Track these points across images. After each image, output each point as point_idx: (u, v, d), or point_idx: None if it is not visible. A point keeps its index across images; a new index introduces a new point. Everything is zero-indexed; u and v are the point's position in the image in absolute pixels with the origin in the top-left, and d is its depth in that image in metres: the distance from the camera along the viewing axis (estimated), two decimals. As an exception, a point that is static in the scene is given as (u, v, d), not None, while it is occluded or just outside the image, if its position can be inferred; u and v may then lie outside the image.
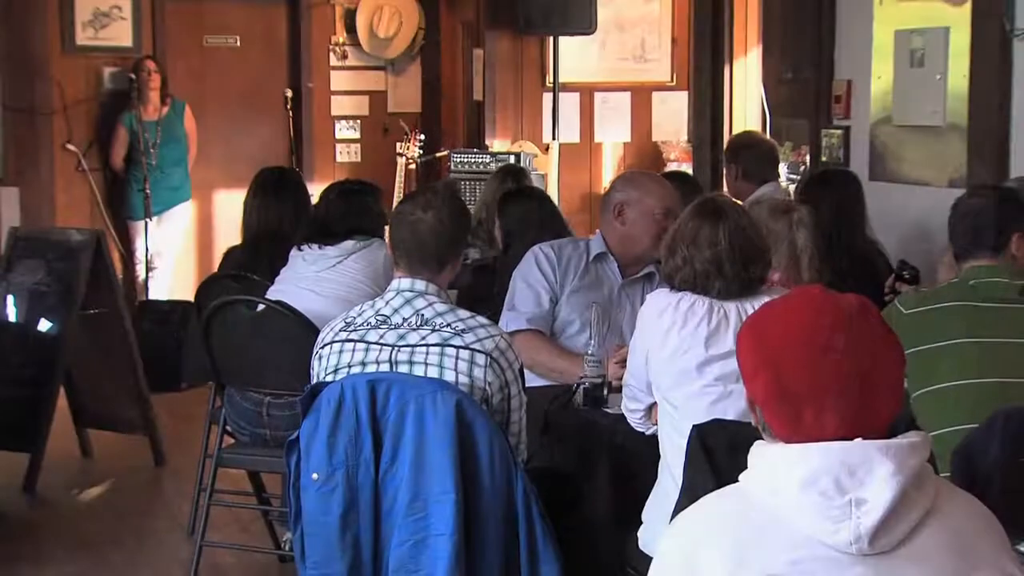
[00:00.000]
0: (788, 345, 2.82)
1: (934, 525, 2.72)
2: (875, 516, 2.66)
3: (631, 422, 5.07)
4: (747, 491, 2.78)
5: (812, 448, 2.72)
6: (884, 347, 2.81)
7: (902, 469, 2.69)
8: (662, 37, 13.03)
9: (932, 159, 8.13)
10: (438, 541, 4.59)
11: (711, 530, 2.78)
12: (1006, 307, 5.29)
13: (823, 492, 2.67)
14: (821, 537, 2.67)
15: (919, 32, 8.28)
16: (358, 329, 4.83)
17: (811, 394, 2.76)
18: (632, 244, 6.25)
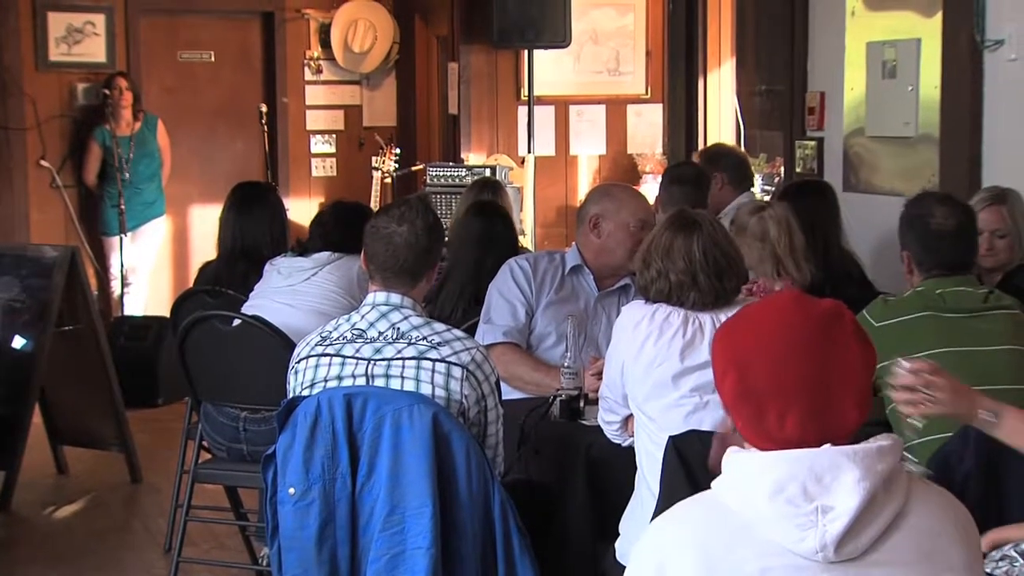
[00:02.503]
0: (756, 346, 2.83)
1: (904, 529, 2.72)
2: (841, 523, 2.66)
3: (607, 434, 5.08)
4: (718, 498, 2.79)
5: (780, 455, 2.72)
6: (853, 352, 2.81)
7: (869, 474, 2.69)
8: (636, 50, 13.04)
9: (905, 170, 8.17)
10: (415, 554, 4.59)
11: (682, 537, 2.78)
12: (974, 316, 5.34)
13: (790, 499, 2.68)
14: (788, 545, 2.68)
15: (891, 44, 8.32)
16: (334, 343, 4.83)
17: (774, 394, 2.77)
18: (608, 256, 6.25)
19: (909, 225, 5.63)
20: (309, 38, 13.64)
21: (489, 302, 6.24)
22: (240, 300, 6.90)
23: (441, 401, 4.70)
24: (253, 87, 13.61)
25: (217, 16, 13.49)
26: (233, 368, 6.57)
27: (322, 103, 13.77)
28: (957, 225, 5.56)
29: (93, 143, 12.24)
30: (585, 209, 6.42)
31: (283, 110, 13.57)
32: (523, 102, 12.45)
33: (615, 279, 6.28)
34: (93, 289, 10.14)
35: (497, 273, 6.32)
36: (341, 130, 13.80)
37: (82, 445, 8.89)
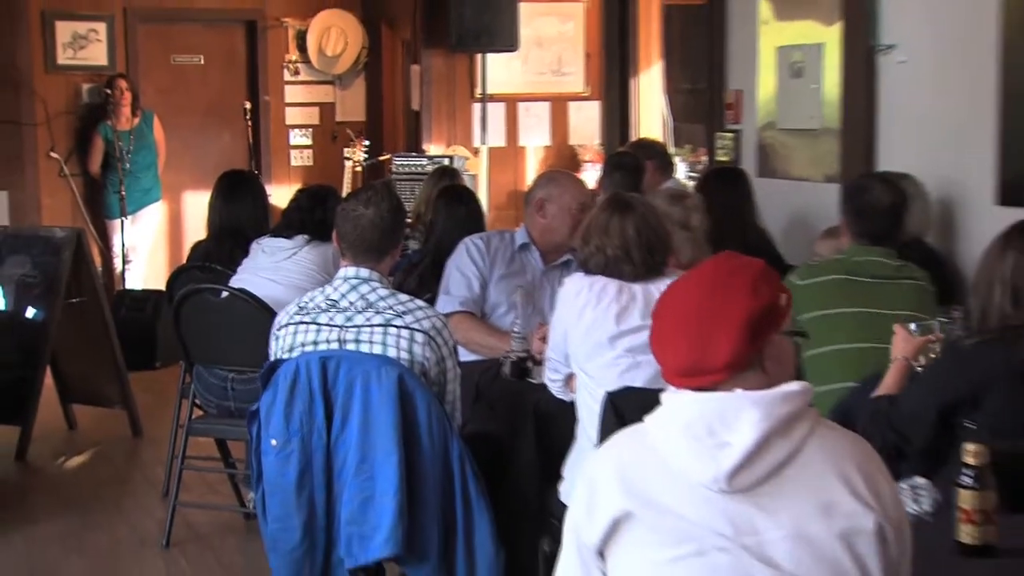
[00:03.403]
0: (665, 296, 2.88)
1: (796, 468, 2.69)
2: (735, 458, 2.64)
3: (552, 390, 5.07)
4: (646, 429, 2.78)
5: (695, 396, 2.72)
6: (739, 301, 2.75)
7: (769, 417, 2.67)
8: (577, 53, 13.03)
9: (811, 158, 8.18)
10: (384, 498, 4.60)
11: (609, 459, 2.80)
12: (885, 283, 5.36)
13: (696, 435, 2.67)
14: (691, 474, 2.67)
15: (798, 48, 8.33)
16: (310, 312, 4.81)
17: (667, 332, 2.81)
18: (552, 235, 6.27)
19: (850, 195, 5.71)
20: (288, 43, 13.56)
21: (448, 276, 6.23)
22: (228, 275, 6.87)
23: (405, 363, 4.69)
24: (238, 87, 13.53)
25: (206, 24, 13.41)
26: (222, 335, 6.55)
27: (299, 101, 13.70)
28: (890, 203, 5.63)
29: (96, 137, 12.19)
30: (532, 193, 6.42)
31: (265, 107, 13.51)
32: (477, 99, 12.45)
33: (558, 255, 6.28)
34: (97, 266, 10.24)
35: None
36: (317, 125, 13.72)
37: (89, 403, 8.86)
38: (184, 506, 6.85)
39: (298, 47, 13.56)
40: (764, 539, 2.65)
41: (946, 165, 7.10)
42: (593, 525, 2.74)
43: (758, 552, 2.65)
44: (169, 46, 13.28)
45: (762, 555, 2.65)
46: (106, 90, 12.15)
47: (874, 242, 5.53)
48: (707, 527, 2.66)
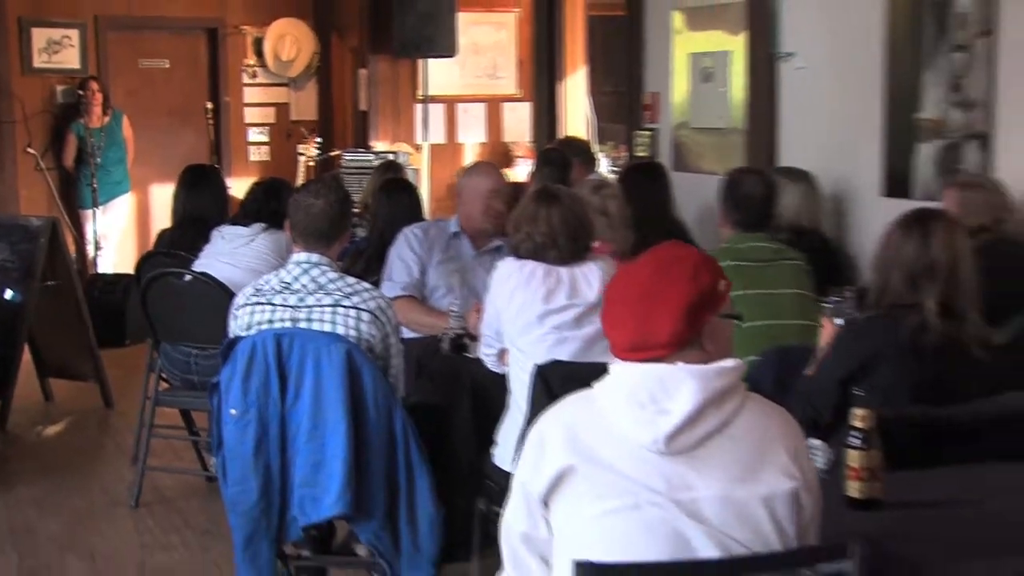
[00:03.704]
0: (615, 278, 2.95)
1: (726, 436, 2.74)
2: (672, 423, 2.69)
3: (487, 364, 5.08)
4: (594, 395, 2.83)
5: (641, 368, 2.77)
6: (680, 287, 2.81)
7: (705, 388, 2.71)
8: (510, 59, 13.10)
9: (719, 154, 8.22)
10: (333, 462, 4.59)
11: (559, 418, 2.83)
12: (767, 265, 5.41)
13: (640, 402, 2.72)
14: (633, 436, 2.71)
15: (708, 55, 8.38)
16: (266, 294, 4.79)
17: (615, 312, 2.86)
18: (470, 219, 6.29)
19: (727, 188, 5.72)
20: (246, 49, 13.50)
21: (390, 264, 6.22)
22: (191, 260, 6.83)
23: (353, 340, 4.68)
24: (200, 89, 13.44)
25: (171, 31, 13.31)
26: (185, 315, 6.53)
27: (257, 101, 13.63)
28: (762, 193, 5.66)
29: (70, 134, 12.09)
30: (456, 184, 6.46)
31: (225, 107, 13.44)
32: (419, 101, 12.50)
33: (487, 241, 6.29)
34: (71, 252, 10.12)
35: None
36: (273, 123, 13.66)
37: (64, 377, 8.79)
38: (152, 470, 6.80)
39: (255, 53, 13.51)
40: (694, 497, 2.70)
41: (839, 161, 7.17)
42: (540, 476, 2.77)
43: (688, 508, 2.69)
44: (137, 51, 13.18)
45: (691, 511, 2.69)
46: (79, 91, 12.06)
47: (752, 229, 5.57)
48: (643, 484, 2.70)
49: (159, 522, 6.50)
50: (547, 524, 2.82)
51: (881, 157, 6.87)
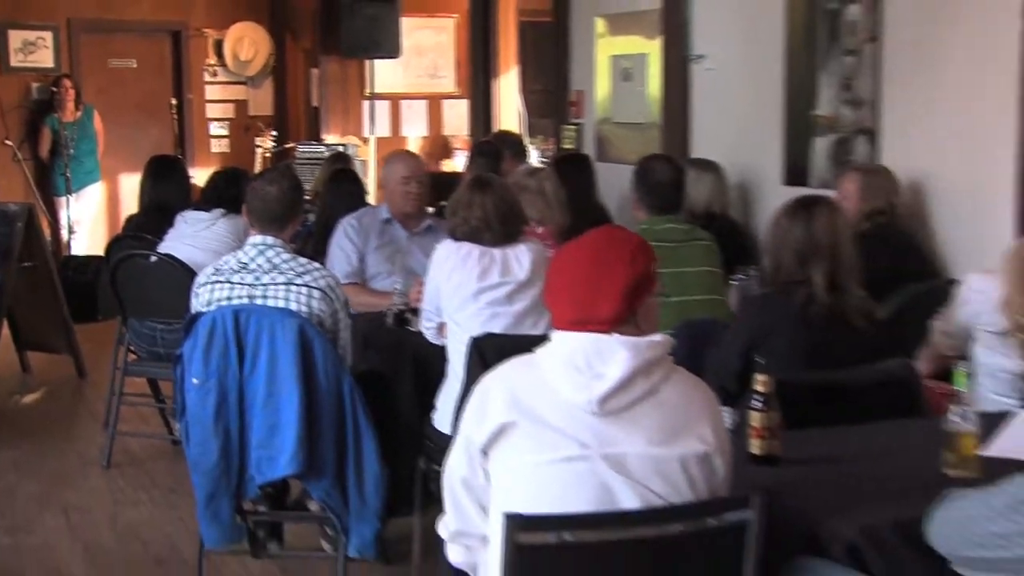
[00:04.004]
0: (559, 257, 2.96)
1: (651, 402, 2.78)
2: (606, 386, 2.73)
3: (427, 336, 5.07)
4: (535, 359, 2.86)
5: (579, 336, 2.79)
6: (618, 270, 2.84)
7: (636, 357, 2.75)
8: (449, 60, 13.11)
9: (638, 146, 8.23)
10: (287, 426, 4.58)
11: (504, 376, 2.86)
12: (680, 245, 5.43)
13: (577, 367, 2.75)
14: (570, 397, 2.75)
15: (627, 57, 8.42)
16: (225, 273, 4.76)
17: (560, 289, 2.88)
18: (393, 204, 6.29)
19: (639, 176, 5.71)
20: (207, 50, 13.43)
21: (331, 255, 6.19)
22: (156, 242, 6.80)
23: (305, 315, 4.65)
24: (166, 86, 13.35)
25: (138, 34, 13.21)
26: (151, 293, 6.48)
27: (217, 98, 13.57)
28: (672, 178, 5.66)
29: (45, 127, 12.02)
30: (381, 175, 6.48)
31: (188, 103, 13.36)
32: (367, 97, 12.48)
33: (417, 223, 6.28)
34: (47, 235, 10.05)
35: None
36: (232, 118, 13.59)
37: (40, 350, 8.70)
38: (121, 435, 6.78)
39: (216, 53, 13.45)
40: (620, 452, 2.74)
41: (745, 153, 7.22)
42: (481, 429, 2.80)
43: (613, 463, 2.73)
44: (107, 52, 13.09)
45: (616, 465, 2.73)
46: (52, 88, 12.01)
47: (665, 212, 5.55)
48: (576, 439, 2.74)
49: (129, 481, 6.46)
50: (485, 472, 2.85)
51: (782, 149, 6.93)
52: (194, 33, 13.36)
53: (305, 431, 4.58)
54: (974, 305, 4.28)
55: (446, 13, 13.00)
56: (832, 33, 6.56)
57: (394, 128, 12.96)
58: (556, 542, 2.71)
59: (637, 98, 8.32)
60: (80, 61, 12.77)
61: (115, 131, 12.48)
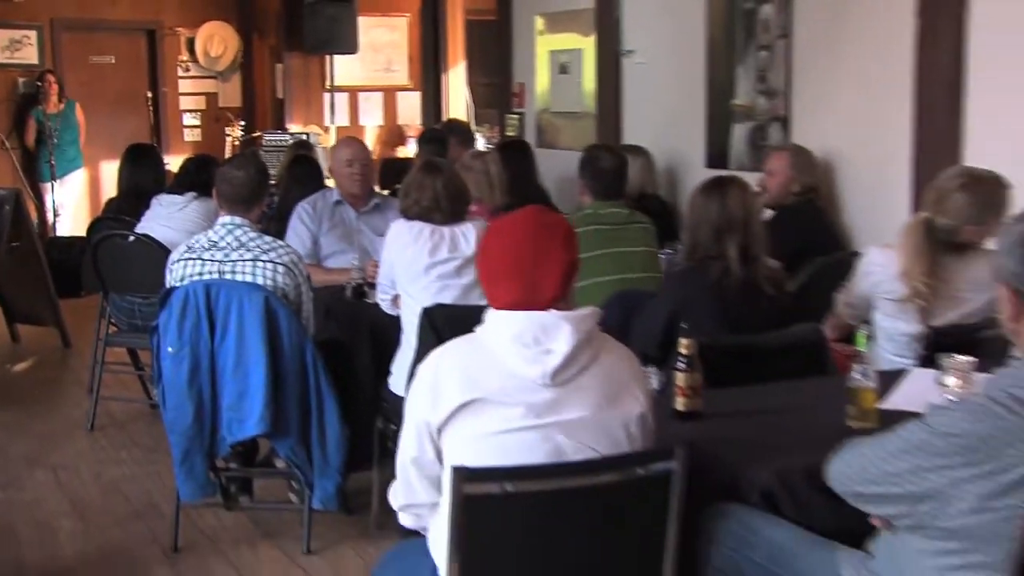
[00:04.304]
0: (495, 236, 2.88)
1: (594, 369, 2.79)
2: (557, 360, 2.72)
3: (383, 307, 5.05)
4: (479, 338, 2.82)
5: (523, 314, 2.77)
6: (555, 253, 2.82)
7: (578, 331, 2.75)
8: (402, 56, 13.05)
9: (574, 134, 8.27)
10: (255, 390, 4.58)
11: (452, 361, 2.81)
12: (621, 228, 5.43)
13: (525, 343, 2.73)
14: (522, 372, 2.73)
15: (564, 52, 8.41)
16: (196, 251, 4.74)
17: (502, 272, 2.82)
18: (341, 186, 6.26)
19: (585, 164, 5.69)
20: (180, 47, 13.32)
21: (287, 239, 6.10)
22: (134, 224, 6.73)
23: (270, 288, 4.64)
24: (142, 81, 13.25)
25: (117, 32, 13.09)
26: (130, 270, 6.42)
27: (190, 91, 13.46)
28: (615, 167, 5.65)
29: (30, 119, 11.89)
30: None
31: (163, 96, 13.26)
32: (328, 90, 12.44)
33: (365, 203, 6.24)
34: (33, 218, 9.92)
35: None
36: (204, 109, 13.49)
37: (29, 323, 8.63)
38: (104, 399, 6.73)
39: (188, 50, 13.35)
40: (570, 419, 2.75)
41: (671, 139, 7.23)
42: (437, 411, 2.76)
43: (564, 428, 2.74)
44: (87, 49, 12.96)
45: (567, 430, 2.75)
46: (37, 83, 11.90)
47: (608, 197, 5.54)
48: (531, 410, 2.73)
49: (111, 442, 6.42)
50: (437, 450, 2.81)
51: (704, 135, 6.95)
52: (168, 32, 13.25)
53: (271, 394, 4.58)
54: (874, 276, 4.31)
55: (399, 12, 12.94)
56: (748, 31, 6.57)
57: (352, 118, 12.91)
58: (500, 492, 2.70)
59: (573, 90, 8.31)
60: (63, 58, 12.64)
61: (95, 122, 12.36)
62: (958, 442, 2.43)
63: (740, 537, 2.98)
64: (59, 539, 5.08)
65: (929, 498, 2.48)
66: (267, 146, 11.11)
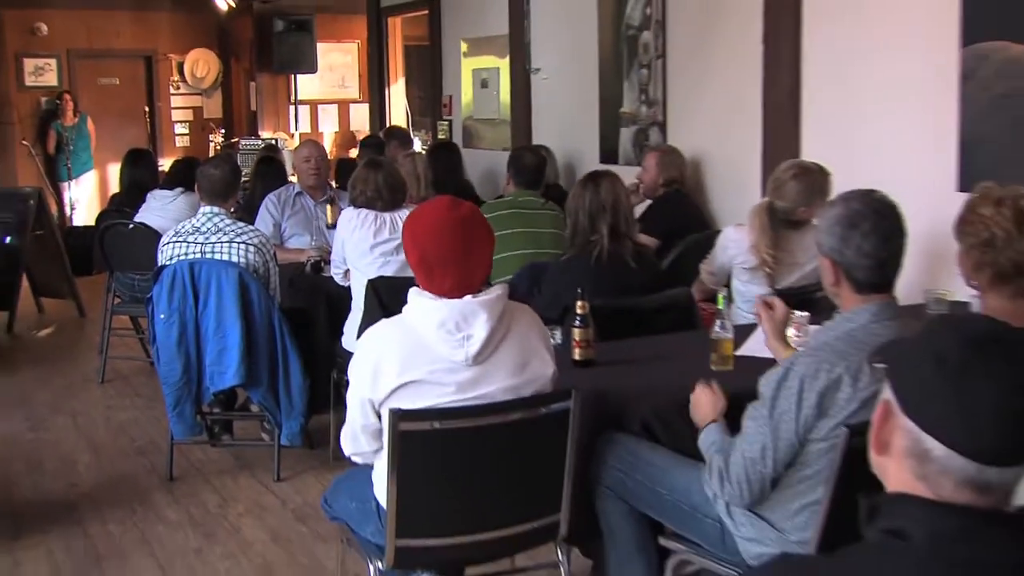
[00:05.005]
0: (428, 232, 2.68)
1: (507, 343, 2.70)
2: (477, 345, 2.64)
3: (336, 279, 4.99)
4: (408, 321, 2.70)
5: (444, 302, 2.65)
6: (482, 238, 2.71)
7: (492, 315, 2.66)
8: (354, 74, 12.97)
9: (493, 137, 8.22)
10: (232, 349, 4.52)
11: (390, 347, 2.67)
12: (536, 212, 5.39)
13: (449, 330, 2.63)
14: (447, 356, 2.64)
15: (485, 70, 8.34)
16: (182, 235, 4.65)
17: (438, 262, 2.66)
18: (300, 180, 6.17)
19: (512, 160, 5.69)
20: (172, 70, 13.11)
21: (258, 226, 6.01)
22: (133, 214, 6.58)
23: (243, 265, 4.56)
24: (141, 98, 13.04)
25: (120, 59, 12.85)
26: (130, 252, 6.29)
27: (180, 106, 13.23)
28: (535, 164, 5.63)
29: (51, 130, 11.77)
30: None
31: (158, 110, 13.05)
32: (292, 103, 12.40)
33: (320, 193, 6.12)
34: (53, 211, 9.87)
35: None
36: (191, 120, 13.26)
37: (51, 296, 8.44)
38: (112, 358, 6.61)
39: (178, 72, 13.15)
40: (490, 390, 2.68)
41: (571, 139, 7.20)
42: (377, 391, 2.67)
43: (487, 399, 2.67)
44: (97, 72, 12.74)
45: (489, 400, 2.68)
46: (56, 101, 11.87)
47: (529, 187, 5.51)
48: (459, 388, 2.66)
49: (118, 392, 6.32)
50: (378, 415, 2.72)
51: (598, 136, 6.91)
52: (162, 57, 13.05)
53: (245, 352, 4.52)
54: (731, 250, 4.31)
55: (351, 39, 12.79)
56: (631, 52, 6.54)
57: (313, 126, 12.81)
58: (429, 429, 2.65)
59: (492, 101, 8.25)
60: (77, 80, 12.46)
61: (103, 132, 12.17)
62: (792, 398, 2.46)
63: (624, 459, 2.97)
64: (78, 470, 5.02)
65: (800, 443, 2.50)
66: (243, 149, 10.93)
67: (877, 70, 4.83)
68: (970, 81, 4.34)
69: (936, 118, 4.48)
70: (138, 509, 4.49)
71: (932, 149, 4.51)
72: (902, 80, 4.69)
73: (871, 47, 4.84)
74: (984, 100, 4.31)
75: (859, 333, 2.45)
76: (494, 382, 2.68)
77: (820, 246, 2.55)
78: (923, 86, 4.57)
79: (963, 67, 4.35)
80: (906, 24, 4.66)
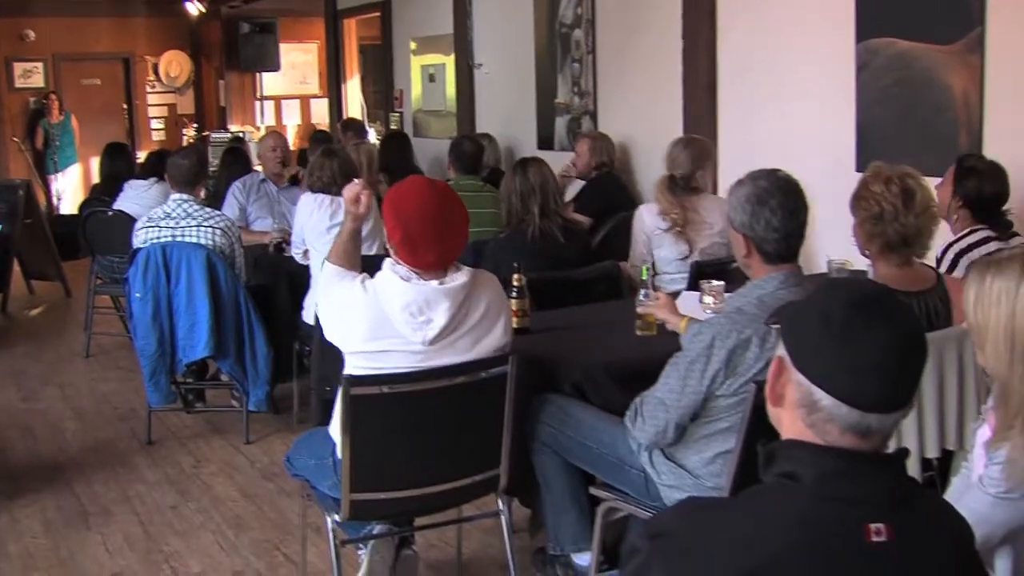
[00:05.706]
0: (411, 210, 2.57)
1: (466, 324, 2.63)
2: (436, 329, 2.57)
3: (296, 258, 4.84)
4: (379, 290, 2.59)
5: (410, 286, 2.56)
6: (459, 213, 2.63)
7: (453, 303, 2.58)
8: (314, 72, 12.89)
9: (441, 127, 8.14)
10: (202, 323, 4.43)
11: (357, 307, 2.59)
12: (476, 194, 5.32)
13: (412, 313, 2.56)
14: (408, 335, 2.57)
15: (432, 66, 8.25)
16: (155, 220, 4.54)
17: (422, 239, 2.56)
18: (264, 167, 6.09)
19: (453, 148, 5.63)
20: (148, 70, 12.86)
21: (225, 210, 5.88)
22: (112, 202, 6.40)
23: (211, 247, 4.45)
24: (120, 96, 12.79)
25: (101, 61, 12.57)
26: (110, 237, 6.11)
27: (156, 103, 12.99)
28: (474, 151, 5.59)
29: (39, 127, 11.61)
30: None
31: (136, 108, 12.81)
32: (258, 99, 12.40)
33: (282, 180, 6.02)
34: (41, 201, 9.70)
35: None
36: (166, 116, 13.03)
37: (40, 279, 8.23)
38: (95, 334, 6.47)
39: (154, 72, 12.92)
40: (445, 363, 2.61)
41: (512, 128, 7.14)
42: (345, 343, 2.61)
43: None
44: (79, 74, 12.49)
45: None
46: (43, 100, 11.76)
47: (468, 172, 5.46)
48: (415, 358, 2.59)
49: (101, 364, 6.19)
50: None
51: (535, 125, 6.85)
52: (138, 59, 12.80)
53: (214, 326, 4.43)
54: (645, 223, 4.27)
55: (311, 40, 12.61)
56: (564, 48, 6.47)
57: (277, 119, 12.73)
58: (379, 393, 2.59)
59: (439, 94, 8.15)
60: (61, 81, 12.25)
61: (86, 128, 11.91)
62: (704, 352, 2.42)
63: (558, 417, 2.94)
64: (65, 436, 4.92)
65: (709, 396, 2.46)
66: (214, 142, 10.73)
67: (784, 63, 4.84)
68: (864, 72, 4.37)
69: (835, 105, 4.51)
70: (120, 470, 4.41)
71: (833, 132, 4.53)
72: (806, 71, 4.71)
73: (778, 43, 4.85)
74: (876, 89, 4.34)
75: (768, 299, 2.43)
76: (451, 358, 2.62)
77: (732, 221, 2.52)
78: (824, 77, 4.60)
79: (858, 60, 4.39)
80: (809, 23, 4.69)
